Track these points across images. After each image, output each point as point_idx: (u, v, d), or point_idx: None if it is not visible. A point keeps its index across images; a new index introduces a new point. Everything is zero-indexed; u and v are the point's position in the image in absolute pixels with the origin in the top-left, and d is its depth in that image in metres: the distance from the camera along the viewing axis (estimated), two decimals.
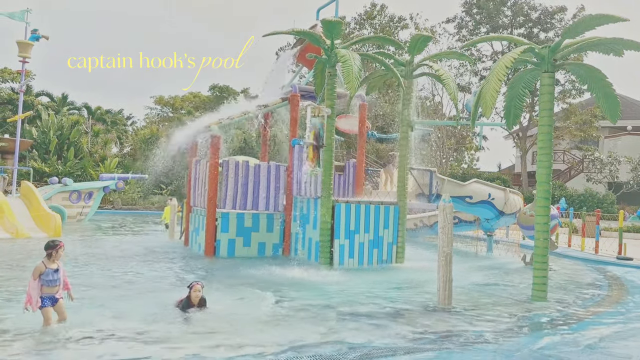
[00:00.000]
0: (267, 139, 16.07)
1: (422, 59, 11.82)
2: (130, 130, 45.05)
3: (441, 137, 36.44)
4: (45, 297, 5.45)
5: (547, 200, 7.89)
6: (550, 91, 7.79)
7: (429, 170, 13.22)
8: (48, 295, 5.47)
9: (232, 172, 12.66)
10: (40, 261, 5.48)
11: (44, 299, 5.45)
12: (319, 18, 14.03)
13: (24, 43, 19.53)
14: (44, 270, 5.42)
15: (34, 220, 16.13)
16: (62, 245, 5.64)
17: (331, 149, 10.81)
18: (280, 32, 10.78)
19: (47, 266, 5.45)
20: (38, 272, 5.40)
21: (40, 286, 5.41)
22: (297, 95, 12.88)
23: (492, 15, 35.93)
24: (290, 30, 10.76)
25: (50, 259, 5.48)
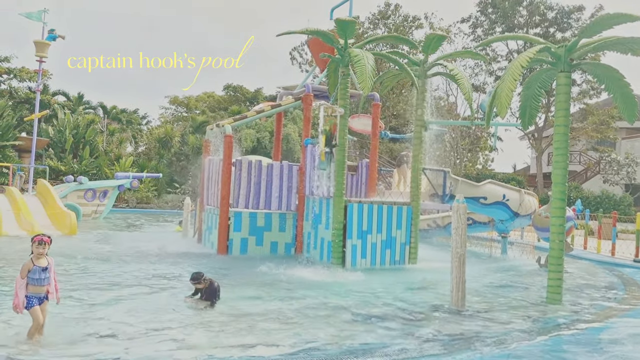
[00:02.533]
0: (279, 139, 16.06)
1: (436, 58, 11.75)
2: (145, 130, 45.42)
3: (455, 137, 36.21)
4: (32, 296, 5.07)
5: (562, 201, 7.78)
6: (567, 91, 7.69)
7: (443, 171, 13.13)
8: (35, 295, 5.08)
9: (245, 172, 12.69)
10: (29, 258, 5.12)
11: (30, 298, 5.06)
12: (332, 17, 14.04)
13: (41, 43, 19.79)
14: (31, 267, 5.06)
15: (50, 218, 16.33)
16: (40, 239, 5.13)
17: (344, 149, 10.78)
18: (294, 32, 10.79)
19: (35, 263, 5.08)
20: (26, 270, 5.05)
21: (26, 285, 5.05)
22: (311, 95, 12.88)
23: (508, 14, 35.60)
24: (303, 30, 10.76)
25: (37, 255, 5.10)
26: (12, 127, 27.86)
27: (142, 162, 34.11)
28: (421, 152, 11.63)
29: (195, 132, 35.65)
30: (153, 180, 31.09)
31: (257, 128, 33.46)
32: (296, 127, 33.37)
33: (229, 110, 39.90)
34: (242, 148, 31.02)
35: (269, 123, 32.93)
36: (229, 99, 46.00)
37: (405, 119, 35.75)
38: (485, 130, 36.11)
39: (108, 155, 33.36)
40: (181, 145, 35.73)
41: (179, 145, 35.92)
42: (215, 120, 33.26)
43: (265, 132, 33.25)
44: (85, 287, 7.66)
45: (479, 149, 39.42)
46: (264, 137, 33.11)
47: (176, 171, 35.35)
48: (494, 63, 36.58)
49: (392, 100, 36.38)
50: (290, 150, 32.16)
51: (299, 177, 12.83)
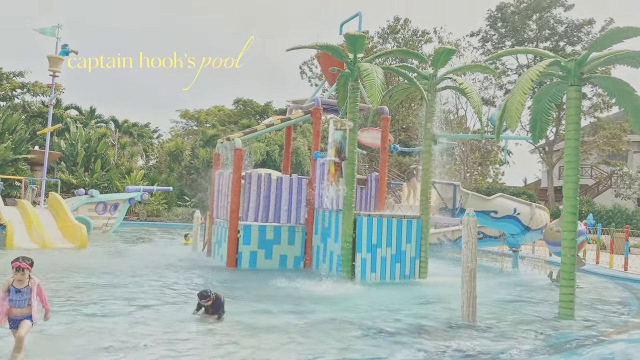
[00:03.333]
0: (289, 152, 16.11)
1: (445, 72, 11.77)
2: (156, 143, 45.78)
3: (465, 150, 36.11)
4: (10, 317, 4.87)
5: (574, 215, 7.72)
6: (577, 105, 7.66)
7: (453, 184, 13.09)
8: (10, 317, 4.86)
9: (254, 185, 12.74)
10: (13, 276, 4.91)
11: (10, 318, 4.87)
12: (342, 32, 14.14)
13: (55, 58, 20.11)
14: (8, 286, 4.85)
15: (61, 231, 16.44)
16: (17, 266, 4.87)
17: (353, 162, 10.80)
18: (303, 47, 10.88)
19: (13, 284, 4.85)
20: (6, 287, 4.88)
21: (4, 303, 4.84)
22: (320, 108, 12.95)
23: (517, 28, 35.63)
24: (313, 45, 10.85)
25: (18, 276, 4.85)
26: (25, 140, 28.20)
27: (152, 176, 34.32)
28: (431, 165, 11.61)
29: (205, 145, 35.86)
30: (163, 193, 31.25)
31: (267, 141, 33.58)
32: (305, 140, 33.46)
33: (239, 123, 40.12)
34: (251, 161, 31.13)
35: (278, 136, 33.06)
36: (239, 112, 46.31)
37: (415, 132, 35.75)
38: (496, 144, 35.99)
39: (119, 168, 33.62)
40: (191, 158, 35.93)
41: (189, 158, 36.12)
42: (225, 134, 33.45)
43: (275, 146, 33.36)
44: (94, 301, 7.69)
45: (490, 163, 39.26)
46: (274, 150, 33.22)
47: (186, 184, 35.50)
48: (503, 77, 36.56)
49: (401, 113, 36.42)
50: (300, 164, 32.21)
51: (308, 190, 12.84)
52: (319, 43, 10.86)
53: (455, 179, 25.74)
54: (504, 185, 38.54)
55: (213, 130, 38.22)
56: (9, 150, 26.08)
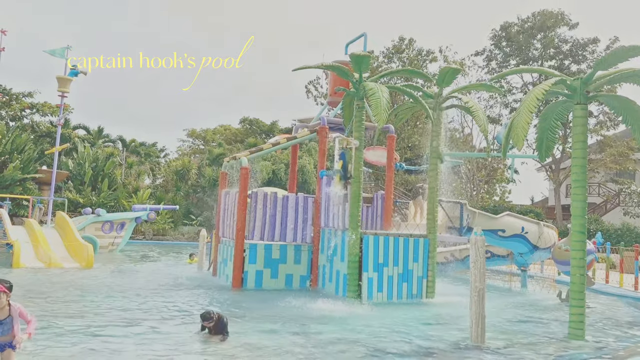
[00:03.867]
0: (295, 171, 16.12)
1: (451, 91, 11.80)
2: (163, 162, 46.01)
3: (471, 169, 36.05)
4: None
5: (582, 234, 7.64)
6: (584, 123, 7.64)
7: (460, 203, 13.03)
8: None
9: (260, 204, 12.73)
10: None
11: None
12: (347, 52, 14.25)
13: (64, 78, 20.36)
14: None
15: (68, 250, 16.45)
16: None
17: (359, 181, 10.78)
18: (310, 67, 10.96)
19: None
20: None
21: None
22: (326, 127, 12.98)
23: (522, 47, 35.79)
24: (319, 65, 10.93)
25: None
26: (33, 160, 28.42)
27: (159, 195, 34.42)
28: (437, 184, 11.58)
29: (211, 164, 36.00)
30: (170, 212, 31.30)
31: (273, 160, 33.69)
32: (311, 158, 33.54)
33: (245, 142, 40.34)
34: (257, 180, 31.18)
35: (284, 155, 33.16)
36: (245, 131, 46.58)
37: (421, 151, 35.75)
38: (502, 162, 35.92)
39: (126, 187, 33.75)
40: (198, 177, 36.05)
41: (195, 177, 36.24)
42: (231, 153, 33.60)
43: (281, 164, 33.45)
44: (99, 321, 7.65)
45: (496, 181, 39.13)
46: (280, 168, 33.30)
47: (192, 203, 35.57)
48: (509, 95, 36.63)
49: (407, 132, 36.49)
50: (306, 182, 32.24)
51: (314, 209, 12.82)
52: (325, 63, 10.95)
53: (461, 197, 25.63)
54: (510, 203, 38.32)
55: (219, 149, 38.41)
56: (17, 170, 26.27)
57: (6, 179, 25.79)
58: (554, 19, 35.22)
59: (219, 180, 15.54)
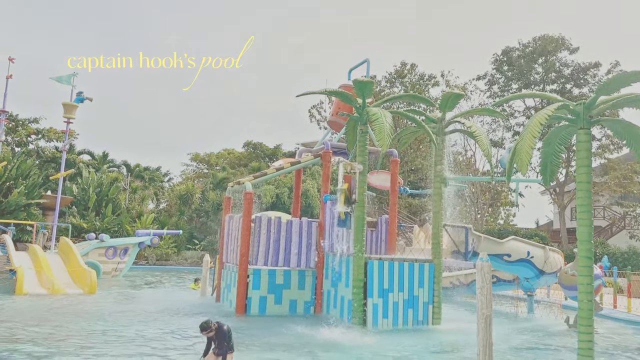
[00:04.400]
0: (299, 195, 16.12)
1: (453, 115, 11.85)
2: (167, 187, 46.10)
3: (475, 192, 35.96)
4: None
5: (589, 259, 7.56)
6: (587, 148, 7.64)
7: (464, 227, 12.96)
8: None
9: (264, 228, 12.68)
10: None
11: None
12: (350, 78, 14.39)
13: (69, 105, 20.56)
14: None
15: (71, 275, 16.38)
16: None
17: (363, 205, 10.76)
18: (313, 92, 11.05)
19: None
20: None
21: None
22: (329, 151, 13.02)
23: (524, 72, 36.02)
24: (322, 90, 11.02)
25: None
26: (37, 185, 28.51)
27: (162, 219, 34.41)
28: (441, 208, 11.53)
29: (215, 188, 36.05)
30: (173, 236, 31.24)
31: (276, 184, 33.72)
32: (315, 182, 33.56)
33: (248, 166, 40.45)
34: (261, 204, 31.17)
35: (288, 179, 33.21)
36: (249, 155, 46.75)
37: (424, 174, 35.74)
38: (506, 185, 35.84)
39: (130, 212, 33.76)
40: (202, 201, 36.06)
41: (199, 201, 36.26)
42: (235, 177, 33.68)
43: (285, 188, 33.46)
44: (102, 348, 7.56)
45: (500, 204, 38.99)
46: (283, 192, 33.31)
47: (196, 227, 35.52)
48: (511, 119, 36.74)
49: (410, 155, 36.56)
50: (309, 206, 32.20)
51: (318, 233, 12.76)
52: (328, 89, 11.03)
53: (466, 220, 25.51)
54: (515, 227, 38.10)
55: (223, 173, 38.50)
56: (22, 196, 26.35)
57: (11, 205, 25.85)
58: (554, 44, 35.53)
59: (222, 205, 15.54)
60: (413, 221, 29.65)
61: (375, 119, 9.99)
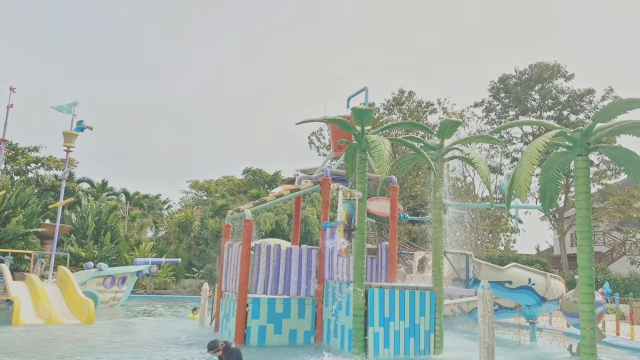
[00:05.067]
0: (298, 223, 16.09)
1: (452, 142, 11.93)
2: (165, 214, 46.02)
3: (475, 218, 35.91)
4: None
5: (590, 286, 7.53)
6: (586, 174, 7.68)
7: (465, 254, 12.91)
8: None
9: (264, 256, 12.62)
10: None
11: None
12: (349, 106, 14.54)
13: (69, 133, 20.69)
14: None
15: (68, 305, 16.22)
16: None
17: (363, 232, 10.73)
18: (313, 120, 11.15)
19: None
20: None
21: None
22: (329, 178, 13.06)
23: (521, 98, 36.38)
24: (322, 118, 11.11)
25: None
26: (36, 214, 28.43)
27: (161, 247, 34.25)
28: (441, 234, 11.51)
29: (214, 215, 35.97)
30: (171, 265, 31.05)
31: (276, 211, 33.67)
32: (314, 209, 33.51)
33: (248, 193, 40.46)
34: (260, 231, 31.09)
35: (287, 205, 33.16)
36: (248, 182, 46.83)
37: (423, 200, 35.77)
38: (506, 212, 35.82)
39: (128, 240, 33.62)
40: (201, 229, 35.95)
41: (198, 229, 36.14)
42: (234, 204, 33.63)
43: (284, 215, 33.41)
44: None
45: (500, 230, 38.92)
46: (283, 219, 33.23)
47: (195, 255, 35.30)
48: (509, 145, 36.96)
49: (409, 181, 36.65)
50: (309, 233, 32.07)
51: (318, 261, 12.70)
52: (328, 116, 11.13)
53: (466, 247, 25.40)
54: (516, 253, 37.91)
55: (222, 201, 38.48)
56: (20, 224, 26.25)
57: (9, 234, 25.73)
58: (550, 71, 36.01)
59: (222, 232, 15.50)
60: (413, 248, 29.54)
61: (374, 146, 10.07)
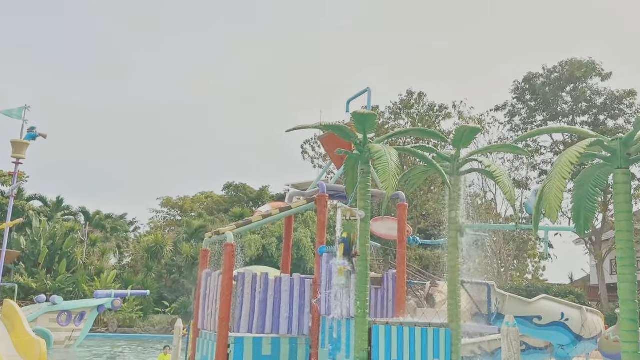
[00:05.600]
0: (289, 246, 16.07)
1: (470, 152, 11.98)
2: (132, 237, 45.91)
3: (498, 242, 35.99)
4: None
5: (634, 323, 7.52)
6: (627, 190, 7.70)
7: (486, 284, 12.92)
8: None
9: (248, 287, 12.57)
10: None
11: None
12: (349, 111, 14.59)
13: (19, 142, 20.67)
14: None
15: (16, 346, 16.05)
16: None
17: (366, 258, 10.70)
18: (306, 127, 11.18)
19: None
20: None
21: None
22: (325, 195, 13.05)
23: (550, 101, 36.62)
24: (316, 125, 11.14)
25: None
26: None
27: (126, 276, 34.13)
28: (458, 261, 11.50)
29: (190, 239, 35.96)
30: (139, 298, 30.89)
31: (263, 234, 33.68)
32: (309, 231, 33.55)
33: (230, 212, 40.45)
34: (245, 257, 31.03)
35: (276, 227, 33.17)
36: (230, 199, 46.87)
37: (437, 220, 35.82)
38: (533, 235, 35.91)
39: (87, 269, 33.50)
40: (173, 255, 35.86)
41: (170, 255, 36.05)
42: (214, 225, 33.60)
43: (272, 238, 33.43)
44: None
45: (527, 256, 39.00)
46: (271, 243, 33.25)
47: (166, 286, 35.19)
48: (537, 156, 37.16)
49: (419, 198, 36.78)
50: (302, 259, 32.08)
51: (312, 293, 12.66)
52: (324, 122, 11.18)
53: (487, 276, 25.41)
54: (546, 282, 38.03)
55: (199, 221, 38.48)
56: None
57: None
58: (584, 69, 36.26)
59: (198, 259, 15.48)
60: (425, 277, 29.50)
61: (379, 157, 10.09)
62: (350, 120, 11.47)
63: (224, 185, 48.07)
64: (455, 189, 11.72)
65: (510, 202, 11.09)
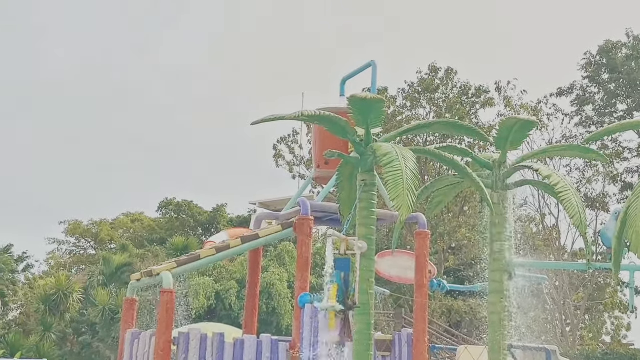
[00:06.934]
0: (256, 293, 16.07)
1: (520, 157, 12.08)
2: (22, 280, 45.64)
3: (562, 287, 36.15)
4: None
5: None
6: None
7: (545, 349, 13.01)
8: None
9: (194, 354, 12.57)
10: None
11: None
12: (344, 93, 14.57)
13: None
14: None
15: None
16: None
17: (369, 312, 10.73)
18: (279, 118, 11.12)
19: None
20: None
21: None
22: (309, 218, 13.08)
23: (637, 83, 36.76)
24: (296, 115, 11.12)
25: None
26: None
27: (12, 339, 33.90)
28: (503, 315, 11.57)
29: (108, 282, 35.78)
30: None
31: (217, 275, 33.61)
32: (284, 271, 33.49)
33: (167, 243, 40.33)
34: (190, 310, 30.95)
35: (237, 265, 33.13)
36: (168, 224, 46.75)
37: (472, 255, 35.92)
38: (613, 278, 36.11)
39: None
40: (83, 306, 35.70)
41: (79, 306, 35.88)
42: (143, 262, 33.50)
43: (231, 282, 33.35)
44: None
45: (604, 308, 39.21)
46: (229, 289, 33.16)
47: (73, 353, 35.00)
48: (617, 162, 37.32)
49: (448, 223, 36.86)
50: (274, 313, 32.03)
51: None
52: (307, 111, 11.19)
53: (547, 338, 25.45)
54: (631, 348, 38.21)
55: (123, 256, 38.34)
56: None
57: None
58: None
59: (120, 313, 15.44)
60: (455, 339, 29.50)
61: (388, 162, 10.12)
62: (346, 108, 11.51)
63: (159, 204, 47.95)
64: (500, 211, 11.80)
65: (580, 230, 11.19)
